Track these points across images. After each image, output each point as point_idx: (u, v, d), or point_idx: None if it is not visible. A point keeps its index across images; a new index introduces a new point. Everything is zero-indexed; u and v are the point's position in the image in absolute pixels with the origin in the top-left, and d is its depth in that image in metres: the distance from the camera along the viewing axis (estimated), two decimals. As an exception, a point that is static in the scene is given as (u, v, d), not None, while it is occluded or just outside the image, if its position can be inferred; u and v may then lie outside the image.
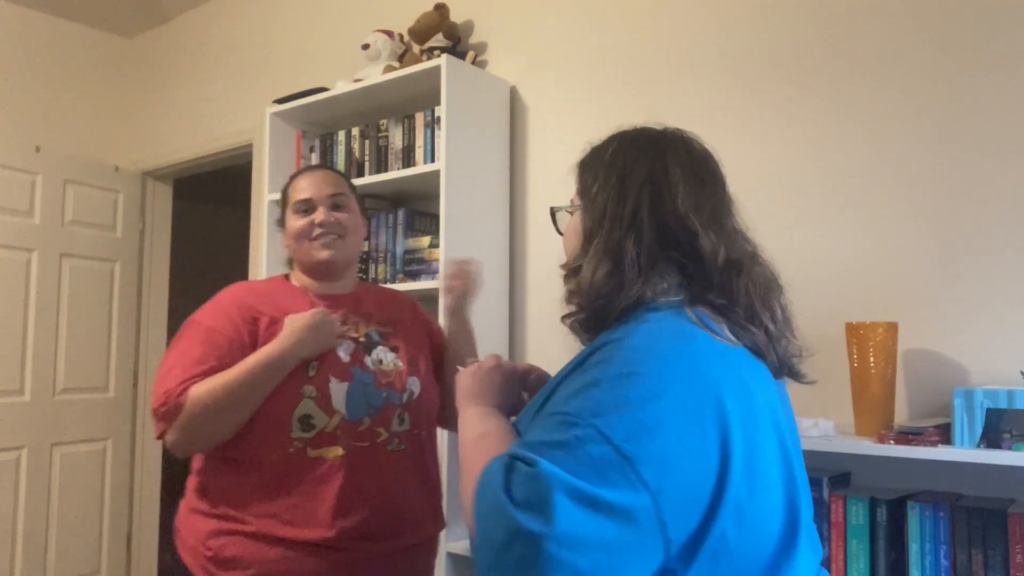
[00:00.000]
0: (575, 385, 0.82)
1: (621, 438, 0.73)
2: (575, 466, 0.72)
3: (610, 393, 0.77)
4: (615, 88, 2.27)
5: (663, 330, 0.85)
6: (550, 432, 0.77)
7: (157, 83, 3.93)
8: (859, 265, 1.80)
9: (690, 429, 0.76)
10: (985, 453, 1.36)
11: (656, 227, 0.91)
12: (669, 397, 0.77)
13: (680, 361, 0.81)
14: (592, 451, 0.73)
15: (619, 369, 0.80)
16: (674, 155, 0.96)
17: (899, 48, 1.80)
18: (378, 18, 2.85)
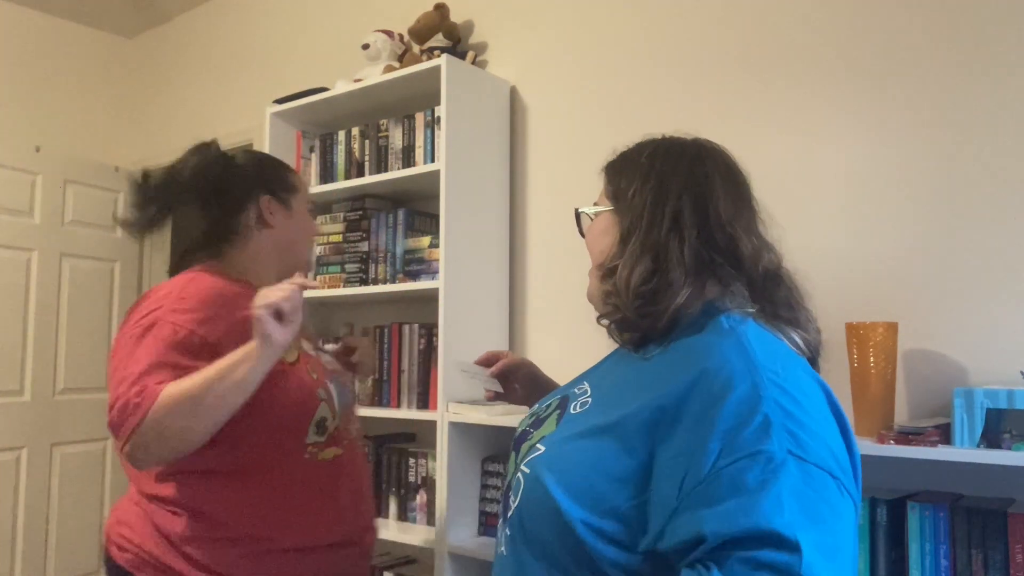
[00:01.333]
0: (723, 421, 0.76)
1: (828, 464, 0.76)
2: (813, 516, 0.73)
3: (798, 421, 0.77)
4: (615, 88, 2.27)
5: (770, 343, 0.87)
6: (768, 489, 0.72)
7: (157, 83, 3.93)
8: (859, 265, 1.80)
9: (836, 432, 0.82)
10: (985, 453, 1.36)
11: (698, 229, 0.91)
12: (822, 408, 0.82)
13: (806, 373, 0.85)
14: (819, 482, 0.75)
15: (778, 394, 0.78)
16: (712, 162, 0.98)
17: (899, 49, 1.80)
18: (378, 18, 2.85)
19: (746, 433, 0.74)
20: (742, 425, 0.75)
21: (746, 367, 0.80)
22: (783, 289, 0.95)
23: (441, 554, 2.10)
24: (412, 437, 2.54)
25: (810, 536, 0.69)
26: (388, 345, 2.41)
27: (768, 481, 0.71)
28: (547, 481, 0.84)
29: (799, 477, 0.72)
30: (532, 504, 0.86)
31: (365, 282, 2.48)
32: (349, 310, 2.81)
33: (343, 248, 2.56)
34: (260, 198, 1.52)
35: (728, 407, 0.76)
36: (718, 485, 0.72)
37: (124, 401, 1.23)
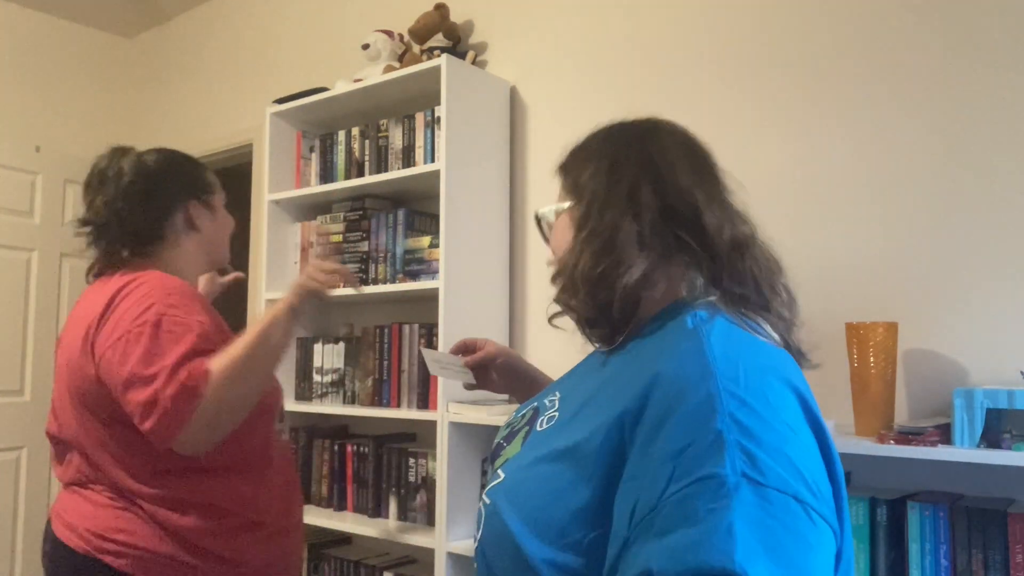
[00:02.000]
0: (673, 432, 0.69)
1: (792, 487, 0.66)
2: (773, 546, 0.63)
3: (753, 435, 0.67)
4: (615, 88, 2.27)
5: (737, 344, 0.76)
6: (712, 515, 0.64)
7: (157, 83, 3.93)
8: (859, 265, 1.80)
9: (810, 446, 0.71)
10: (985, 453, 1.36)
11: (658, 204, 0.83)
12: (793, 420, 0.71)
13: (778, 379, 0.74)
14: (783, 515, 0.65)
15: (733, 404, 0.69)
16: (667, 135, 0.91)
17: (899, 48, 1.80)
18: (378, 18, 2.85)
19: (696, 453, 0.66)
20: (692, 444, 0.66)
21: (701, 375, 0.71)
22: (749, 261, 0.84)
23: (441, 554, 2.10)
24: (412, 437, 2.54)
25: (766, 572, 0.61)
26: (388, 345, 2.41)
27: (717, 510, 0.63)
28: (506, 515, 0.77)
29: (755, 504, 0.63)
30: (493, 538, 0.79)
31: (365, 282, 2.48)
32: (349, 310, 2.82)
33: (343, 248, 2.56)
34: (187, 203, 1.55)
35: (678, 424, 0.68)
36: (667, 514, 0.65)
37: (175, 388, 1.25)
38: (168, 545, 1.35)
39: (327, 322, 2.85)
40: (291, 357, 2.71)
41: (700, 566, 0.61)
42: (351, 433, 2.71)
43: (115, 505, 1.37)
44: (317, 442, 2.60)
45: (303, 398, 2.67)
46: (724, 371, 0.71)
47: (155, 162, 1.54)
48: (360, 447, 2.48)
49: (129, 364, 1.29)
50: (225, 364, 1.29)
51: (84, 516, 1.38)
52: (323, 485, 2.57)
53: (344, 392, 2.54)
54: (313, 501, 2.60)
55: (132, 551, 1.34)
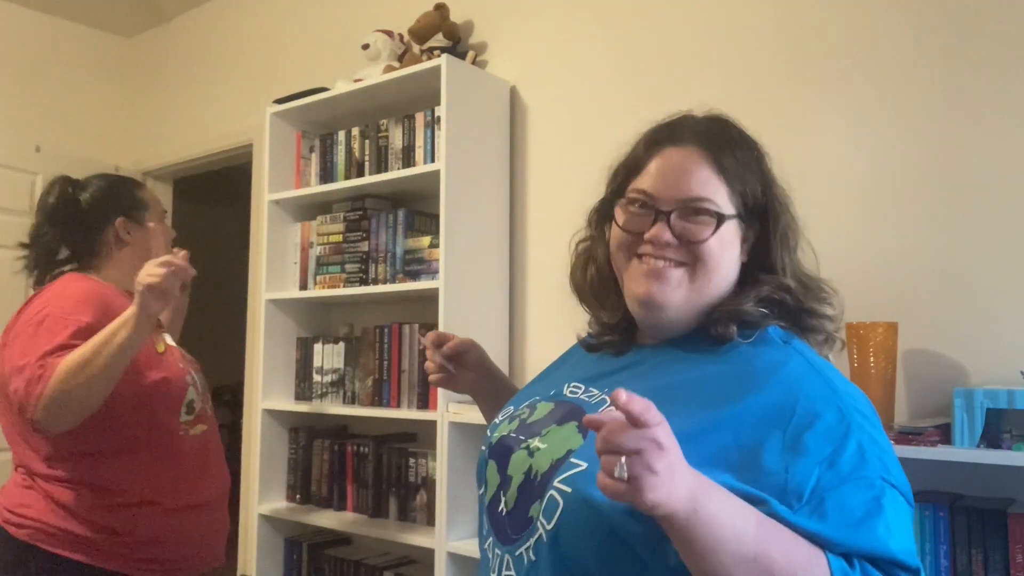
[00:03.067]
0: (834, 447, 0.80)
1: (906, 489, 0.83)
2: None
3: (882, 448, 0.83)
4: (615, 88, 2.27)
5: (827, 363, 0.90)
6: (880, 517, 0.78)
7: (157, 83, 3.93)
8: (859, 265, 1.80)
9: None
10: (985, 453, 1.36)
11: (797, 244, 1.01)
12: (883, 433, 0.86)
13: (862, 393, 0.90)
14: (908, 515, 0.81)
15: (863, 421, 0.83)
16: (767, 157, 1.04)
17: (900, 48, 1.80)
18: (378, 18, 2.85)
19: (844, 459, 0.77)
20: (837, 452, 0.78)
21: (827, 392, 0.82)
22: (813, 293, 0.98)
23: (441, 554, 2.10)
24: (412, 437, 2.54)
25: (911, 556, 0.77)
26: (388, 345, 2.41)
27: (874, 509, 0.76)
28: (601, 501, 0.74)
29: (894, 504, 0.78)
30: (577, 525, 0.78)
31: (365, 282, 2.48)
32: (349, 310, 2.81)
33: (343, 248, 2.56)
34: (115, 221, 1.79)
35: (819, 434, 0.78)
36: (826, 507, 0.75)
37: (29, 374, 1.47)
38: (61, 519, 1.57)
39: (327, 322, 2.85)
40: (291, 357, 2.72)
41: (873, 550, 0.74)
42: (351, 433, 2.71)
43: (23, 484, 1.62)
44: (317, 442, 2.60)
45: (303, 398, 2.67)
46: (842, 389, 0.84)
47: (84, 188, 1.83)
48: (360, 447, 2.48)
49: (12, 357, 1.54)
50: (70, 358, 1.47)
51: (5, 494, 1.65)
52: (323, 485, 2.57)
53: (344, 392, 2.54)
54: (313, 501, 2.60)
55: (31, 523, 1.58)
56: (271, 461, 2.65)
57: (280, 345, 2.70)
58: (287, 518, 2.56)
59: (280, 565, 2.65)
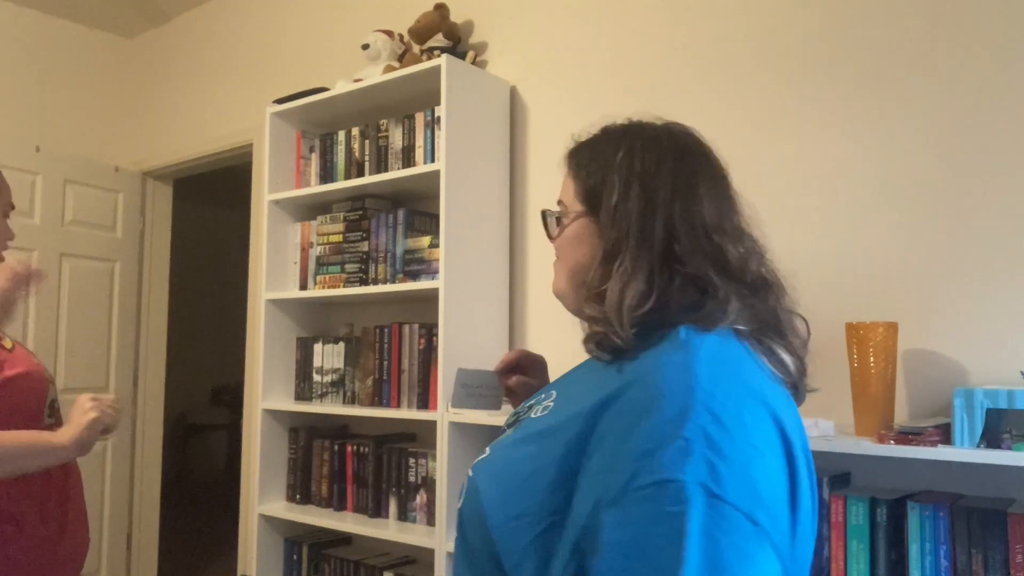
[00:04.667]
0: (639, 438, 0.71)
1: (747, 506, 0.68)
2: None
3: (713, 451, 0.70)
4: (615, 88, 2.27)
5: (725, 364, 0.78)
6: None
7: (157, 83, 3.93)
8: (859, 265, 1.80)
9: (776, 473, 0.73)
10: (985, 453, 1.36)
11: (691, 243, 0.83)
12: (766, 446, 0.73)
13: (760, 403, 0.75)
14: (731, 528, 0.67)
15: (706, 419, 0.71)
16: (692, 159, 0.90)
17: (900, 48, 1.80)
18: (378, 18, 2.85)
19: (661, 457, 0.68)
20: (660, 448, 0.69)
21: (682, 388, 0.73)
22: (772, 299, 0.87)
23: (441, 554, 2.10)
24: (412, 437, 2.54)
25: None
26: (388, 345, 2.41)
27: (673, 516, 0.66)
28: (481, 488, 0.81)
29: (707, 515, 0.66)
30: (469, 509, 0.83)
31: (365, 282, 2.48)
32: (349, 310, 2.82)
33: (343, 248, 2.56)
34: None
35: (652, 428, 0.71)
36: (625, 511, 0.68)
37: None
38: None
39: (327, 322, 2.85)
40: (291, 357, 2.72)
41: (646, 571, 0.65)
42: (351, 433, 2.71)
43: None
44: (317, 442, 2.61)
45: (303, 398, 2.67)
46: (705, 386, 0.73)
47: None
48: (360, 447, 2.48)
49: None
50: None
51: None
52: (323, 485, 2.57)
53: (344, 392, 2.54)
54: (313, 501, 2.60)
55: None
56: (271, 461, 2.65)
57: (280, 345, 2.70)
58: (287, 518, 2.56)
59: (280, 565, 2.65)
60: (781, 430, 0.75)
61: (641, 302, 0.82)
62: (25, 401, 1.56)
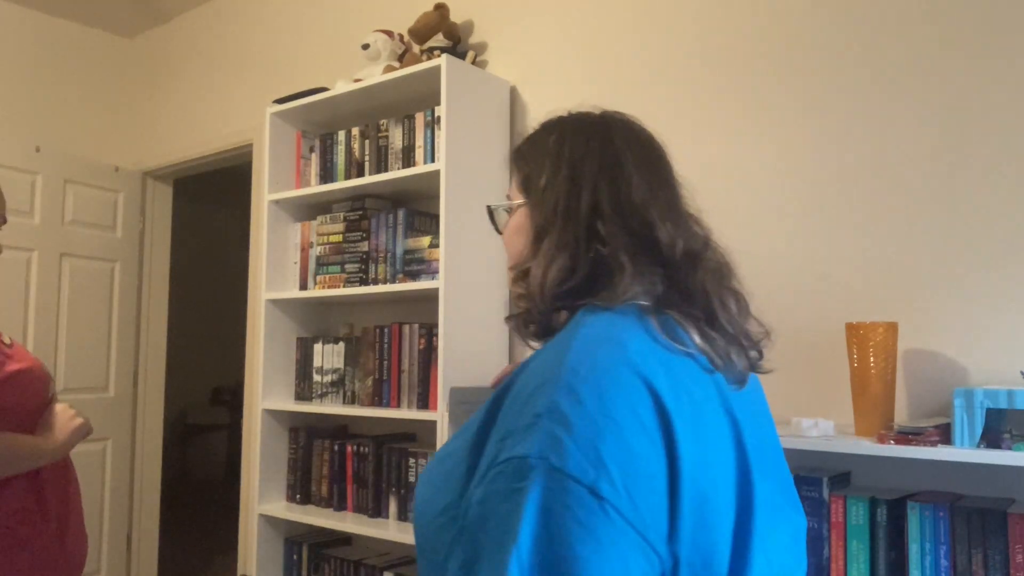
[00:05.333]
0: (518, 413, 0.72)
1: (592, 479, 0.65)
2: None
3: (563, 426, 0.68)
4: (615, 88, 2.27)
5: (604, 339, 0.75)
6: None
7: (157, 83, 3.93)
8: (859, 265, 1.80)
9: (640, 450, 0.68)
10: (985, 453, 1.36)
11: (615, 220, 0.83)
12: (629, 421, 0.69)
13: (639, 378, 0.71)
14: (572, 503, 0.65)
15: (563, 396, 0.69)
16: (623, 141, 0.89)
17: (899, 48, 1.80)
18: (378, 18, 2.85)
19: (514, 435, 0.69)
20: (515, 427, 0.70)
21: (550, 367, 0.73)
22: (701, 273, 0.83)
23: (441, 554, 2.10)
24: (412, 437, 2.54)
25: (532, 562, 0.63)
26: (388, 345, 2.41)
27: (517, 492, 0.66)
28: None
29: (546, 489, 0.65)
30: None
31: (365, 282, 2.48)
32: (349, 310, 2.82)
33: (343, 248, 2.56)
34: None
35: (517, 408, 0.71)
36: (483, 493, 0.69)
37: None
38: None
39: (327, 322, 2.85)
40: (291, 357, 2.72)
41: (486, 553, 0.66)
42: (351, 433, 2.71)
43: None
44: (317, 442, 2.61)
45: (303, 398, 2.67)
46: (572, 361, 0.72)
47: None
48: (360, 447, 2.48)
49: None
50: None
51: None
52: (323, 485, 2.57)
53: (344, 392, 2.54)
54: (313, 501, 2.60)
55: None
56: (271, 461, 2.65)
57: (280, 345, 2.71)
58: (287, 518, 2.56)
59: (280, 565, 2.65)
60: (659, 405, 0.70)
61: (563, 278, 0.82)
62: (30, 396, 1.57)
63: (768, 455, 0.85)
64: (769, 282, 1.89)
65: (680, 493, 0.68)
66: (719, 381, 0.80)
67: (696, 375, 0.77)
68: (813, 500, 1.56)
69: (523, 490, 0.65)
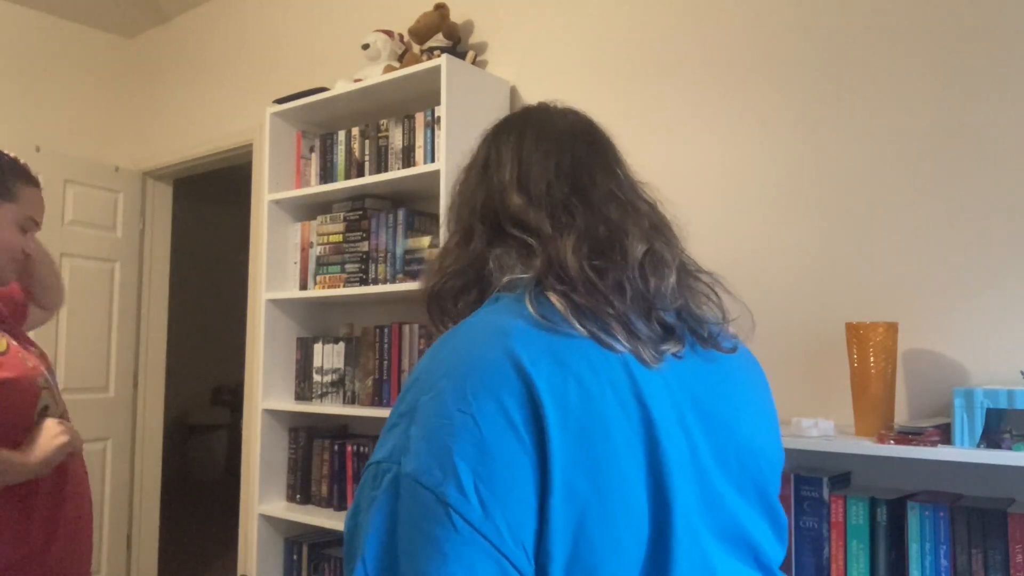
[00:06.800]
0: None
1: (437, 482, 0.59)
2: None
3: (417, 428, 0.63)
4: (615, 88, 2.27)
5: (479, 324, 0.71)
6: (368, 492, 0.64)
7: (157, 83, 3.93)
8: (859, 265, 1.80)
9: (502, 448, 0.61)
10: (985, 453, 1.36)
11: (485, 209, 0.81)
12: (485, 409, 0.62)
13: (500, 361, 0.65)
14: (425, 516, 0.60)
15: (422, 396, 0.65)
16: (517, 127, 0.87)
17: (897, 48, 1.80)
18: (378, 18, 2.85)
19: (381, 437, 0.66)
20: (384, 428, 0.67)
21: (428, 359, 0.69)
22: (619, 259, 0.74)
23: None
24: (412, 437, 2.54)
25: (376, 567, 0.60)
26: (388, 345, 2.41)
27: (371, 502, 0.62)
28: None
29: (393, 496, 0.61)
30: None
31: (365, 282, 2.48)
32: (349, 310, 2.82)
33: (343, 248, 2.56)
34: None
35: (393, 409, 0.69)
36: (355, 498, 0.66)
37: None
38: None
39: (327, 322, 2.85)
40: (291, 357, 2.72)
41: (345, 569, 0.62)
42: (351, 433, 2.71)
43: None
44: (317, 442, 2.61)
45: (303, 398, 2.67)
46: (444, 353, 0.68)
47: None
48: (360, 447, 2.48)
49: None
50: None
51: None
52: (323, 485, 2.57)
53: (344, 392, 2.54)
54: (313, 501, 2.60)
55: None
56: (271, 461, 2.65)
57: (280, 345, 2.70)
58: (287, 518, 2.56)
59: (280, 565, 2.65)
60: (532, 398, 0.62)
61: (458, 275, 0.80)
62: (9, 409, 1.49)
63: (730, 461, 0.74)
64: (769, 282, 1.89)
65: (551, 497, 0.60)
66: (629, 362, 0.69)
67: (594, 359, 0.68)
68: (813, 500, 1.56)
69: (375, 499, 0.62)
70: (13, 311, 1.73)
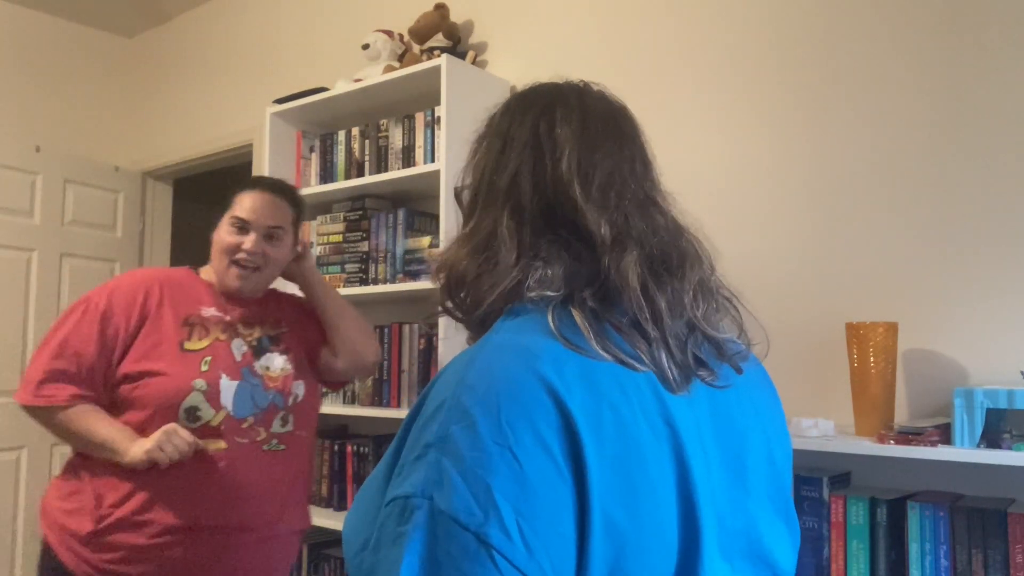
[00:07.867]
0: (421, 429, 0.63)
1: (475, 522, 0.55)
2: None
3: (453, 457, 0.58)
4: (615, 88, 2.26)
5: (511, 340, 0.65)
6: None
7: (157, 83, 3.93)
8: (859, 265, 1.80)
9: (543, 483, 0.57)
10: (985, 453, 1.36)
11: (536, 198, 0.73)
12: (525, 439, 0.58)
13: (534, 389, 0.60)
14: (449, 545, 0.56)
15: (455, 419, 0.60)
16: (565, 110, 0.79)
17: (897, 47, 1.80)
18: (378, 18, 2.85)
19: (402, 469, 0.60)
20: (406, 458, 0.61)
21: (453, 382, 0.62)
22: (628, 261, 0.69)
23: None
24: (412, 437, 2.54)
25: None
26: (388, 345, 2.41)
27: (398, 540, 0.57)
28: (344, 524, 0.75)
29: (428, 534, 0.56)
30: None
31: (365, 282, 2.48)
32: (349, 310, 2.81)
33: (343, 248, 2.56)
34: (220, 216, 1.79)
35: (415, 431, 0.62)
36: (374, 540, 0.61)
37: (27, 390, 1.57)
38: (53, 506, 1.61)
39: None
40: (291, 357, 2.71)
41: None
42: (351, 433, 2.71)
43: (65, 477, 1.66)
44: (317, 442, 2.60)
45: (303, 398, 2.67)
46: (472, 377, 0.62)
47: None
48: (360, 447, 2.48)
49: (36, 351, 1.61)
50: (63, 421, 1.53)
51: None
52: (323, 485, 2.57)
53: (344, 392, 2.54)
54: (313, 501, 2.59)
55: (48, 506, 1.64)
56: (271, 461, 2.65)
57: (280, 345, 2.70)
58: (287, 518, 2.56)
59: (280, 565, 2.65)
60: (568, 424, 0.59)
61: (477, 266, 0.72)
62: (155, 395, 1.55)
63: (749, 478, 0.72)
64: (769, 282, 1.89)
65: (591, 532, 0.58)
66: (655, 384, 0.66)
67: (625, 382, 0.64)
68: (813, 500, 1.56)
69: (404, 535, 0.57)
70: (303, 338, 1.81)
